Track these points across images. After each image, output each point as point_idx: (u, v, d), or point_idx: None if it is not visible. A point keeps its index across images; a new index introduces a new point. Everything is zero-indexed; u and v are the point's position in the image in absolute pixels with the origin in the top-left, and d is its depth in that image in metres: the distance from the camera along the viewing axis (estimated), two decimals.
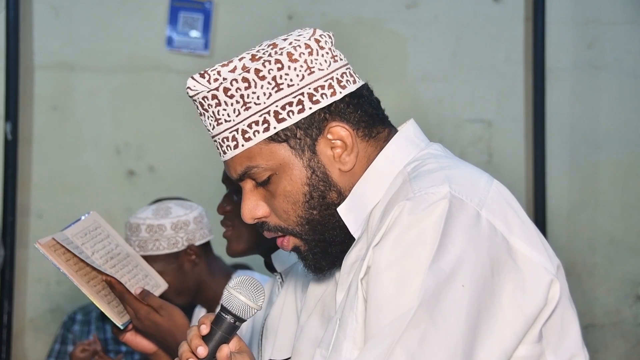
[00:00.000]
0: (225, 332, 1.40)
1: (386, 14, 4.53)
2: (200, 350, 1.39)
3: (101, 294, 2.02)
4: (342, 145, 1.45)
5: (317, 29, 1.49)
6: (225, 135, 1.46)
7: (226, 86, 1.44)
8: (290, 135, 1.44)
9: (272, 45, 1.46)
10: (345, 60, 1.51)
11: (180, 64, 4.38)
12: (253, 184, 1.48)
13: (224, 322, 1.41)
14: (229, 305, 1.41)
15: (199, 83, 1.46)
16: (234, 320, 1.41)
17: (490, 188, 1.40)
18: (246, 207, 1.49)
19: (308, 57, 1.45)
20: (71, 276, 1.97)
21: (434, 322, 1.27)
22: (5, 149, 4.14)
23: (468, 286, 1.29)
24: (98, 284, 2.04)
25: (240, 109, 1.44)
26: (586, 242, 4.58)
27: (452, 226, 1.31)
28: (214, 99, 1.45)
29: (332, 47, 1.49)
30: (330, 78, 1.46)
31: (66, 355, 4.17)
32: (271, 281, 1.95)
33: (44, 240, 1.98)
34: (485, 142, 4.54)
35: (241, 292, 1.41)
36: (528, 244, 1.36)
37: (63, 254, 1.99)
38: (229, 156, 1.47)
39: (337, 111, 1.45)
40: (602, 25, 4.58)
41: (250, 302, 1.41)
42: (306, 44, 1.46)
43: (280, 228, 1.49)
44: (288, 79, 1.43)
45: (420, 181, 1.38)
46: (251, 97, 1.43)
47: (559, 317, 1.38)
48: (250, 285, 1.42)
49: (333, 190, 1.46)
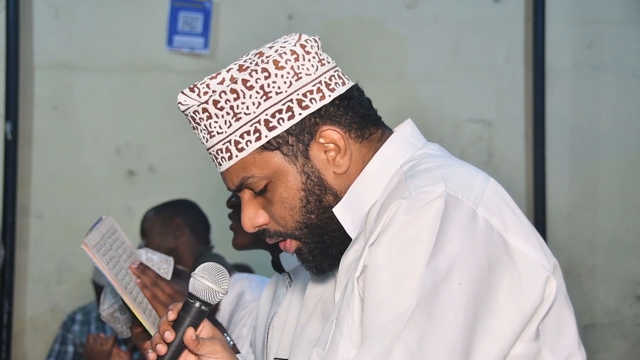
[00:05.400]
0: (193, 317, 1.44)
1: (386, 14, 4.53)
2: (167, 335, 1.42)
3: (137, 301, 1.95)
4: (335, 148, 1.46)
5: (302, 34, 1.49)
6: (219, 147, 1.47)
7: (215, 99, 1.45)
8: (282, 142, 1.44)
9: (259, 54, 1.47)
10: (333, 63, 1.51)
11: (180, 64, 4.38)
12: (251, 193, 1.49)
13: (191, 308, 1.44)
14: (194, 291, 1.44)
15: (189, 97, 1.47)
16: (200, 305, 1.44)
17: (487, 186, 1.41)
18: (246, 216, 1.50)
19: (294, 63, 1.45)
20: (113, 282, 1.88)
21: (432, 321, 1.28)
22: (5, 149, 4.15)
23: (465, 284, 1.29)
24: (134, 290, 1.96)
25: (231, 120, 1.45)
26: (586, 242, 4.58)
27: (448, 224, 1.32)
28: (204, 112, 1.46)
29: (319, 51, 1.49)
30: (318, 82, 1.46)
31: (66, 355, 4.17)
32: (274, 279, 1.95)
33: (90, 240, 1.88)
34: (485, 142, 4.54)
35: (205, 277, 1.44)
36: (525, 241, 1.37)
37: (103, 255, 1.91)
38: (224, 167, 1.48)
39: (327, 115, 1.45)
40: (602, 25, 4.58)
41: (214, 286, 1.44)
42: (292, 50, 1.46)
43: (280, 233, 1.50)
44: (276, 86, 1.44)
45: (416, 180, 1.39)
46: (241, 108, 1.44)
47: (556, 315, 1.38)
48: (214, 270, 1.45)
49: (329, 194, 1.46)
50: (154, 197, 3.70)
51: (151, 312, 1.99)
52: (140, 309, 1.94)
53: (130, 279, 1.98)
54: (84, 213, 4.28)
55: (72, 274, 4.38)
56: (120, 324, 2.22)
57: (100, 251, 1.91)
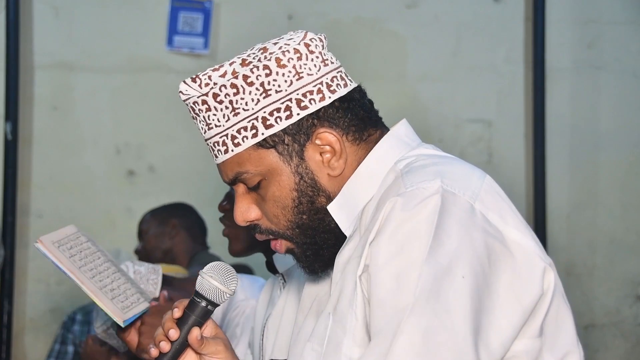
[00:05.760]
0: (198, 316, 1.43)
1: (386, 14, 4.53)
2: (171, 333, 1.42)
3: (106, 289, 1.95)
4: (331, 150, 1.45)
5: (308, 33, 1.49)
6: (216, 139, 1.47)
7: (215, 92, 1.45)
8: (278, 141, 1.44)
9: (263, 49, 1.46)
10: (337, 63, 1.50)
11: (180, 64, 4.38)
12: (245, 187, 1.49)
13: (197, 306, 1.43)
14: (202, 290, 1.43)
15: (190, 87, 1.47)
16: (206, 304, 1.43)
17: (483, 182, 1.41)
18: (238, 210, 1.50)
19: (297, 62, 1.45)
20: (69, 271, 1.89)
21: (438, 315, 1.27)
22: (5, 149, 4.15)
23: (468, 277, 1.29)
24: (106, 278, 1.96)
25: (230, 115, 1.45)
26: (586, 242, 4.58)
27: (446, 219, 1.31)
28: (204, 104, 1.47)
29: (323, 51, 1.49)
30: (319, 83, 1.45)
31: (66, 355, 4.18)
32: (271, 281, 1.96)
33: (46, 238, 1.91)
34: (485, 142, 4.54)
35: (213, 277, 1.43)
36: (522, 234, 1.37)
37: (69, 249, 1.93)
38: (220, 160, 1.49)
39: (325, 116, 1.45)
40: (602, 25, 4.58)
41: (222, 287, 1.43)
42: (295, 49, 1.45)
43: (271, 231, 1.49)
44: (276, 85, 1.43)
45: (412, 176, 1.38)
46: (240, 103, 1.44)
47: (554, 312, 1.38)
48: (222, 270, 1.45)
49: (322, 195, 1.46)
50: (154, 197, 3.70)
51: (127, 298, 1.97)
52: (109, 296, 1.92)
53: (106, 267, 1.97)
54: (84, 213, 4.28)
55: None
56: (115, 339, 2.22)
57: (61, 247, 1.92)
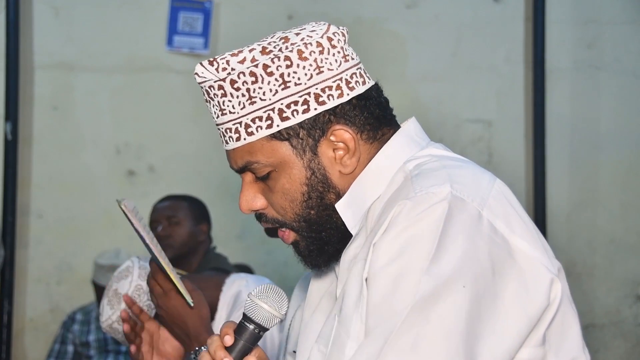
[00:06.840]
0: (248, 341, 1.38)
1: (386, 14, 4.53)
2: None
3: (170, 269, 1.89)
4: (345, 147, 1.44)
5: (331, 25, 1.47)
6: (229, 126, 1.45)
7: (233, 78, 1.43)
8: (292, 134, 1.43)
9: (284, 39, 1.44)
10: (357, 59, 1.50)
11: (180, 64, 4.37)
12: (252, 176, 1.48)
13: (247, 331, 1.38)
14: (252, 315, 1.38)
15: (207, 70, 1.45)
16: (257, 330, 1.38)
17: (493, 187, 1.39)
18: (244, 198, 1.48)
19: (318, 56, 1.43)
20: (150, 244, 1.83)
21: (430, 324, 1.26)
22: (5, 149, 4.15)
23: (469, 286, 1.27)
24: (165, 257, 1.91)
25: (246, 103, 1.43)
26: (586, 242, 4.58)
27: (452, 226, 1.30)
28: (220, 89, 1.44)
29: (345, 46, 1.48)
30: (339, 79, 1.44)
31: (66, 355, 4.18)
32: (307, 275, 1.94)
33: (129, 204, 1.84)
34: (485, 142, 4.54)
35: (265, 302, 1.39)
36: (529, 244, 1.35)
37: (140, 220, 1.86)
38: (230, 147, 1.47)
39: (342, 113, 1.44)
40: (602, 25, 4.58)
41: (274, 312, 1.39)
42: (318, 42, 1.44)
43: (277, 221, 1.48)
44: (296, 77, 1.42)
45: (422, 180, 1.37)
46: (257, 92, 1.42)
47: (560, 318, 1.37)
48: (274, 294, 1.40)
49: (332, 192, 1.45)
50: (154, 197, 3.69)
51: None
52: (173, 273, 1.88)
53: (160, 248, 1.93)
54: (84, 213, 4.28)
55: (72, 274, 4.38)
56: (120, 334, 2.20)
57: (138, 215, 1.88)
